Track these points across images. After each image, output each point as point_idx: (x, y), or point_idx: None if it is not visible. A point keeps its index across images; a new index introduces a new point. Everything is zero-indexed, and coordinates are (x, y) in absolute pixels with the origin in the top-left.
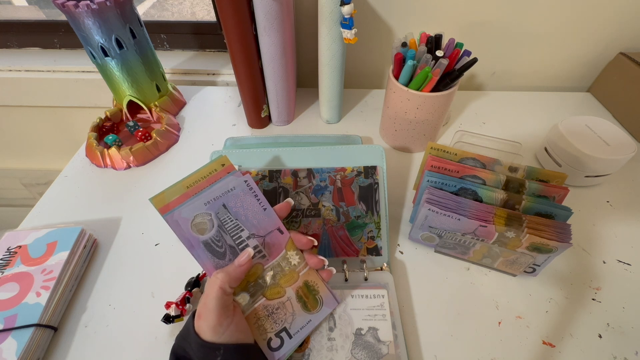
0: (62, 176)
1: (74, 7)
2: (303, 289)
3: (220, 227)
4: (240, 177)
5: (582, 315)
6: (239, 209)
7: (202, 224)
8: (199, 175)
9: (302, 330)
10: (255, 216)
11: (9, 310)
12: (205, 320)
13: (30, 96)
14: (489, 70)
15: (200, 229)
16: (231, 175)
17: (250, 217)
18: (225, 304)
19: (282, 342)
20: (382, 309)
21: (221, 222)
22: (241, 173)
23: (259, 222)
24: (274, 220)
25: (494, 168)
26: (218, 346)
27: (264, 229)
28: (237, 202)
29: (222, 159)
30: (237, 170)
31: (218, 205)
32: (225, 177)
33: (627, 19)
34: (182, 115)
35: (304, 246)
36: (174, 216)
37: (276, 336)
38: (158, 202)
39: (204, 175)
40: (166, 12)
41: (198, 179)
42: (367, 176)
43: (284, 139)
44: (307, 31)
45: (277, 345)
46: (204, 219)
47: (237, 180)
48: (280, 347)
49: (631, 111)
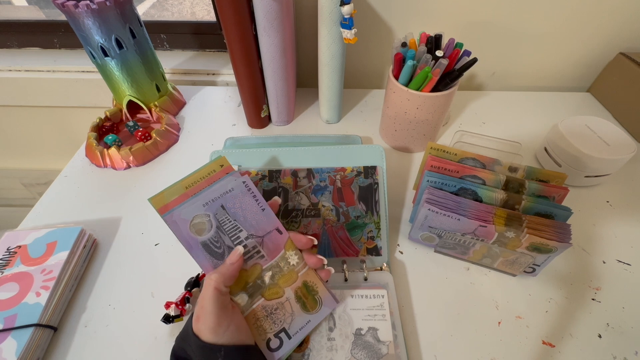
0: (62, 176)
1: (73, 7)
2: (302, 289)
3: (218, 228)
4: (239, 178)
5: (582, 315)
6: (237, 209)
7: (200, 225)
8: (198, 175)
9: (301, 330)
10: (254, 217)
11: (9, 310)
12: (204, 322)
13: (30, 96)
14: (489, 70)
15: (199, 229)
16: (230, 176)
17: (248, 218)
18: (223, 304)
19: (281, 342)
20: (382, 309)
21: (220, 223)
22: (240, 174)
23: (258, 223)
24: (273, 220)
25: (493, 168)
26: (219, 347)
27: (263, 230)
28: (236, 202)
29: (221, 160)
30: (236, 171)
31: (217, 206)
32: (223, 177)
33: (627, 19)
34: (182, 115)
35: (304, 246)
36: (172, 216)
37: (275, 337)
38: (157, 202)
39: (203, 175)
40: (166, 12)
41: (197, 179)
42: (367, 176)
43: (284, 139)
44: (307, 31)
45: (276, 346)
46: (202, 219)
47: (235, 181)
48: (280, 347)
49: (631, 111)
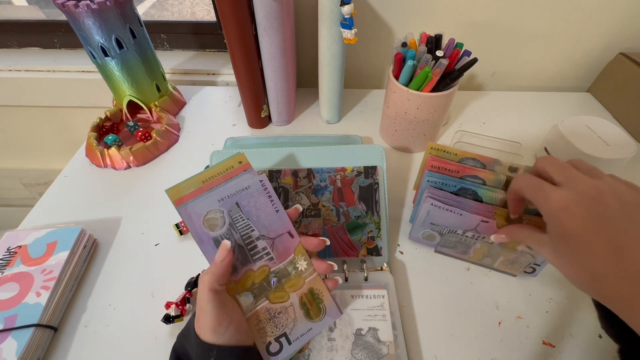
0: (62, 176)
1: (74, 7)
2: (308, 296)
3: (231, 225)
4: (256, 177)
5: (583, 315)
6: (251, 208)
7: (213, 220)
8: (215, 170)
9: (302, 337)
10: (267, 217)
11: (9, 310)
12: (205, 323)
13: (30, 96)
14: (489, 70)
15: (212, 225)
16: (247, 173)
17: (262, 218)
18: (221, 302)
19: (281, 347)
20: (382, 309)
21: (233, 220)
22: (257, 172)
23: (270, 224)
24: (286, 223)
25: (494, 168)
26: (211, 347)
27: (275, 231)
28: (251, 201)
29: (240, 156)
30: (253, 169)
31: (231, 203)
32: (241, 174)
33: (627, 19)
34: (182, 115)
35: (316, 247)
36: (187, 209)
37: (276, 341)
38: (173, 194)
39: (221, 171)
40: (166, 12)
41: (214, 174)
42: (367, 176)
43: (284, 139)
44: (307, 31)
45: (276, 350)
46: (216, 215)
47: (252, 179)
48: (279, 352)
49: (631, 111)
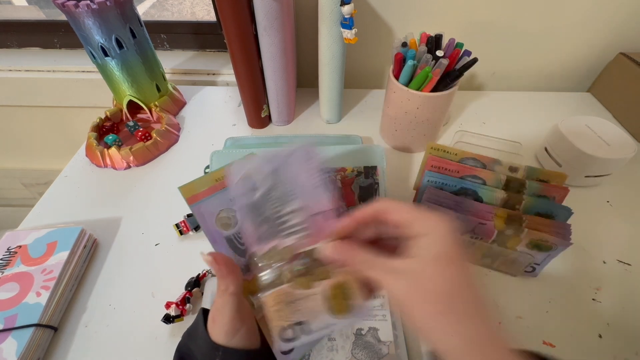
0: (62, 176)
1: (74, 7)
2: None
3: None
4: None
5: (582, 315)
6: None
7: (225, 220)
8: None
9: (319, 331)
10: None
11: (9, 310)
12: (222, 326)
13: (30, 96)
14: (489, 70)
15: (224, 224)
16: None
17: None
18: (239, 306)
19: (295, 335)
20: (383, 309)
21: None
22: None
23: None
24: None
25: (494, 168)
26: (219, 347)
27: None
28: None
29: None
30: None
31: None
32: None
33: (627, 19)
34: (182, 115)
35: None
36: (200, 208)
37: (290, 328)
38: (186, 192)
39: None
40: (166, 12)
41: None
42: (367, 176)
43: (284, 139)
44: (307, 31)
45: (289, 337)
46: (228, 214)
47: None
48: (292, 340)
49: (631, 111)
